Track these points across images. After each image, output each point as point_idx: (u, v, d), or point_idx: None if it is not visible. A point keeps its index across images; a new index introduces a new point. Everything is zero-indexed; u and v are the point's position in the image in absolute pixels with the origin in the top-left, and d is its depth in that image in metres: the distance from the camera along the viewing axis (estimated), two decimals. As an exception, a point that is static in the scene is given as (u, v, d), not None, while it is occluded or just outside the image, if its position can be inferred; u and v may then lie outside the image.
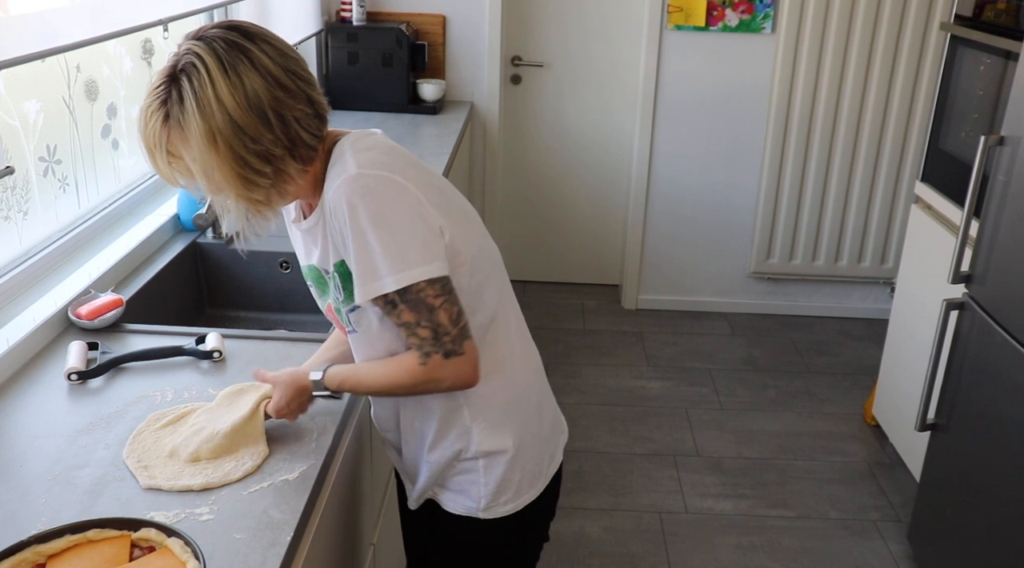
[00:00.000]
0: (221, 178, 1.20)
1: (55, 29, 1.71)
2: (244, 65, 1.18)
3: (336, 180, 1.25)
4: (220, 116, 1.16)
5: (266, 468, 1.37)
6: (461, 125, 3.51)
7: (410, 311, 1.27)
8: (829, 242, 4.09)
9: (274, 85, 1.20)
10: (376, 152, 1.30)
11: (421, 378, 1.32)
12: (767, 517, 2.85)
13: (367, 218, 1.23)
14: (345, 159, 1.27)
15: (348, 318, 1.38)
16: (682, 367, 3.75)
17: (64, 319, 1.78)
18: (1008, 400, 2.14)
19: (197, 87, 1.16)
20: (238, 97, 1.17)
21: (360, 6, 3.62)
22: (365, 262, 1.25)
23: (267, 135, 1.19)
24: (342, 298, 1.35)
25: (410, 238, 1.25)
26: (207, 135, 1.17)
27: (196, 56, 1.18)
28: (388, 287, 1.24)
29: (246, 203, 1.24)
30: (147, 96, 1.21)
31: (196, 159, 1.19)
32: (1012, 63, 2.48)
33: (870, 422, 3.36)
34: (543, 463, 1.55)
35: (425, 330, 1.28)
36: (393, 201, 1.25)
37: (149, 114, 1.20)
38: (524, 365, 1.51)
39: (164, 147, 1.20)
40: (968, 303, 2.36)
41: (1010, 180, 2.17)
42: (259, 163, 1.20)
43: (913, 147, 3.90)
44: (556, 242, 4.39)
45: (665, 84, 3.92)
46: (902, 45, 3.76)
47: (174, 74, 1.18)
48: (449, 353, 1.30)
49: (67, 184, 2.02)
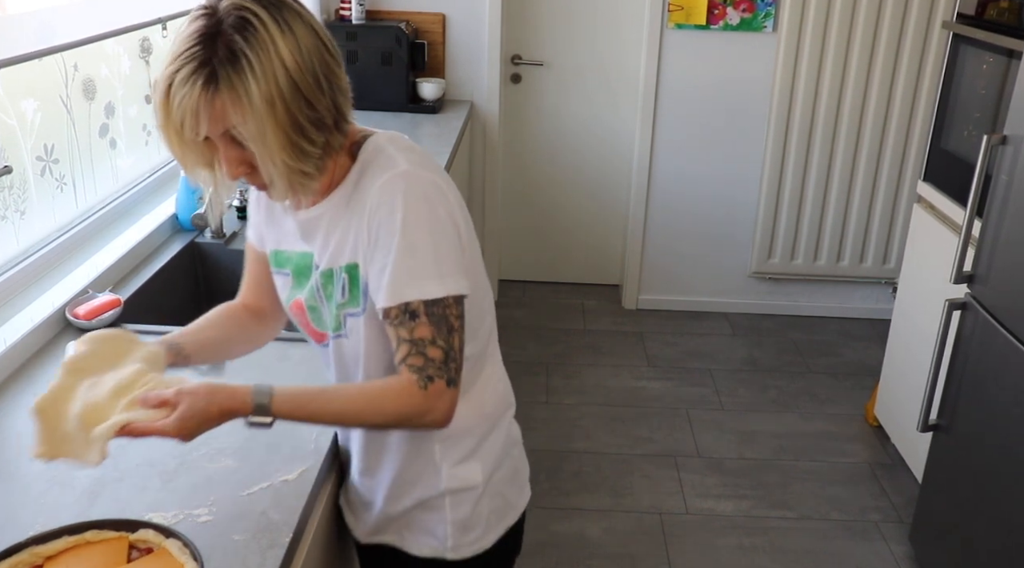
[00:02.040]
0: (276, 144, 1.08)
1: (53, 28, 1.70)
2: (298, 23, 1.09)
3: (383, 174, 1.18)
4: (282, 75, 1.06)
5: (266, 469, 1.36)
6: (461, 124, 3.51)
7: (429, 326, 1.16)
8: (831, 242, 4.08)
9: (323, 48, 1.12)
10: (418, 153, 1.24)
11: (416, 406, 1.18)
12: (768, 518, 2.84)
13: (418, 219, 1.16)
14: (389, 154, 1.20)
15: (343, 321, 1.27)
16: (683, 367, 3.74)
17: (62, 319, 1.77)
18: (1010, 400, 2.13)
19: (256, 44, 1.05)
20: (297, 56, 1.08)
21: (359, 5, 3.61)
22: (407, 262, 1.15)
23: (322, 100, 1.11)
24: (343, 300, 1.25)
25: (448, 247, 1.18)
26: (267, 97, 1.06)
27: (247, 10, 1.07)
28: (430, 292, 1.15)
29: (293, 176, 1.12)
30: (174, 61, 1.07)
31: (251, 125, 1.07)
32: (1015, 62, 2.47)
33: (872, 423, 3.36)
34: (513, 495, 1.46)
35: (438, 350, 1.17)
36: (439, 206, 1.19)
37: (183, 78, 1.06)
38: (501, 401, 1.43)
39: (206, 114, 1.07)
40: (970, 303, 2.35)
41: (1012, 179, 2.16)
42: (314, 131, 1.11)
43: (915, 146, 3.89)
44: (556, 242, 4.38)
45: (666, 83, 3.91)
46: (904, 44, 3.75)
47: (216, 31, 1.06)
48: (451, 381, 1.19)
49: (65, 183, 2.01)
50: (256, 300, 1.46)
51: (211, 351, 1.38)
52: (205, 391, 1.16)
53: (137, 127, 2.36)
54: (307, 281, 1.30)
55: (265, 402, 1.17)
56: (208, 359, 1.39)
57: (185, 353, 1.32)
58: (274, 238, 1.35)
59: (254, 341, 1.47)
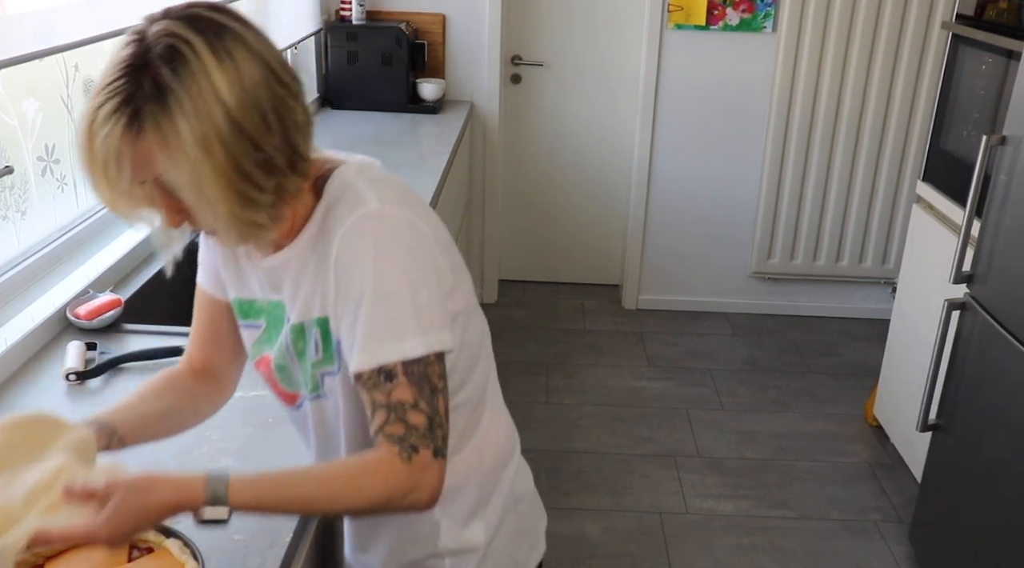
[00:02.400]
0: (215, 194, 0.93)
1: (53, 28, 1.70)
2: (240, 51, 0.94)
3: (350, 214, 1.02)
4: (217, 113, 0.91)
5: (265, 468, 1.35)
6: (461, 125, 3.51)
7: (409, 387, 1.01)
8: (830, 242, 4.08)
9: (272, 79, 0.96)
10: (393, 187, 1.08)
11: (399, 484, 1.00)
12: (768, 518, 2.85)
13: (390, 264, 1.01)
14: (358, 190, 1.04)
15: (320, 381, 1.12)
16: (683, 367, 3.74)
17: (62, 319, 1.77)
18: (1010, 400, 2.14)
19: (186, 77, 0.90)
20: (237, 90, 0.92)
21: (360, 5, 3.61)
22: (381, 316, 1.01)
23: (270, 140, 0.95)
24: (318, 358, 1.10)
25: (429, 296, 1.03)
26: (201, 139, 0.91)
27: (178, 38, 0.91)
28: (410, 350, 1.00)
29: (241, 227, 0.97)
30: (96, 94, 0.92)
31: (183, 171, 0.92)
32: (1014, 62, 2.47)
33: (871, 422, 3.36)
34: (522, 554, 1.33)
35: (420, 415, 1.01)
36: (417, 249, 1.04)
37: (102, 117, 0.91)
38: (503, 450, 1.29)
39: (126, 159, 0.92)
40: (970, 303, 2.35)
41: (1012, 180, 2.16)
42: (261, 176, 0.95)
43: (914, 147, 3.89)
44: (556, 242, 4.38)
45: (666, 83, 3.91)
46: (903, 44, 3.75)
47: (143, 63, 0.91)
48: (438, 451, 1.02)
49: (65, 183, 2.01)
50: (207, 357, 1.27)
51: (151, 427, 1.19)
52: (145, 483, 0.98)
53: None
54: (279, 335, 1.14)
55: (220, 492, 0.98)
56: (148, 437, 1.19)
57: (120, 434, 1.14)
58: (238, 284, 1.18)
59: (203, 410, 1.28)
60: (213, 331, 1.26)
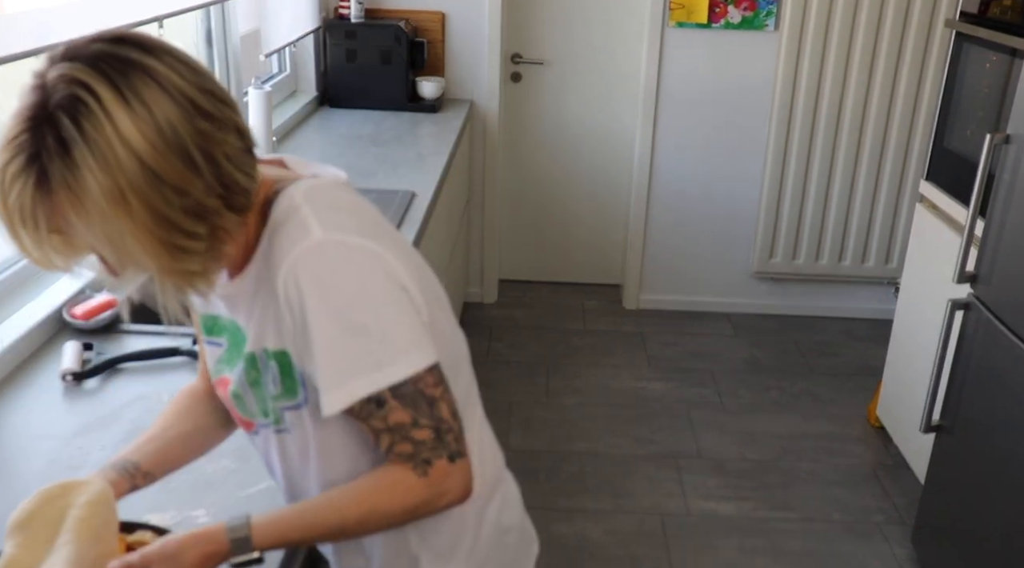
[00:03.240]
0: (138, 249, 0.86)
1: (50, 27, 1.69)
2: (150, 89, 0.85)
3: (293, 248, 0.95)
4: (129, 164, 0.83)
5: (264, 469, 1.34)
6: (461, 123, 3.50)
7: (404, 409, 0.98)
8: (832, 242, 4.07)
9: (193, 113, 0.87)
10: (342, 212, 1.00)
11: (423, 498, 1.00)
12: (770, 519, 2.83)
13: (345, 298, 0.95)
14: (302, 217, 0.97)
15: (281, 416, 1.07)
16: (684, 368, 3.73)
17: (59, 319, 1.76)
18: (1013, 401, 2.12)
19: (89, 128, 0.82)
20: (150, 134, 0.84)
21: (359, 3, 3.60)
22: (348, 352, 0.95)
23: (196, 182, 0.87)
24: (277, 392, 1.05)
25: (398, 317, 0.98)
26: (112, 194, 0.83)
27: (78, 84, 0.83)
28: (386, 380, 0.96)
29: (175, 277, 0.91)
30: (2, 150, 0.85)
31: (99, 230, 0.85)
32: (1018, 61, 2.46)
33: (874, 423, 3.34)
34: None
35: (424, 430, 0.99)
36: (371, 274, 0.97)
37: (11, 177, 0.84)
38: (486, 483, 1.20)
39: (42, 219, 0.85)
40: (973, 303, 2.34)
41: (1016, 179, 2.15)
42: (189, 222, 0.87)
43: (918, 145, 3.88)
44: (557, 241, 4.37)
45: (667, 82, 3.90)
46: (906, 42, 3.74)
47: (44, 114, 0.83)
48: (455, 454, 1.01)
49: (63, 182, 1.99)
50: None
51: (176, 452, 1.18)
52: (172, 548, 0.99)
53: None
54: (238, 360, 1.08)
55: (243, 535, 1.00)
56: (175, 463, 1.19)
57: (143, 470, 1.14)
58: (202, 300, 1.13)
59: (229, 424, 1.25)
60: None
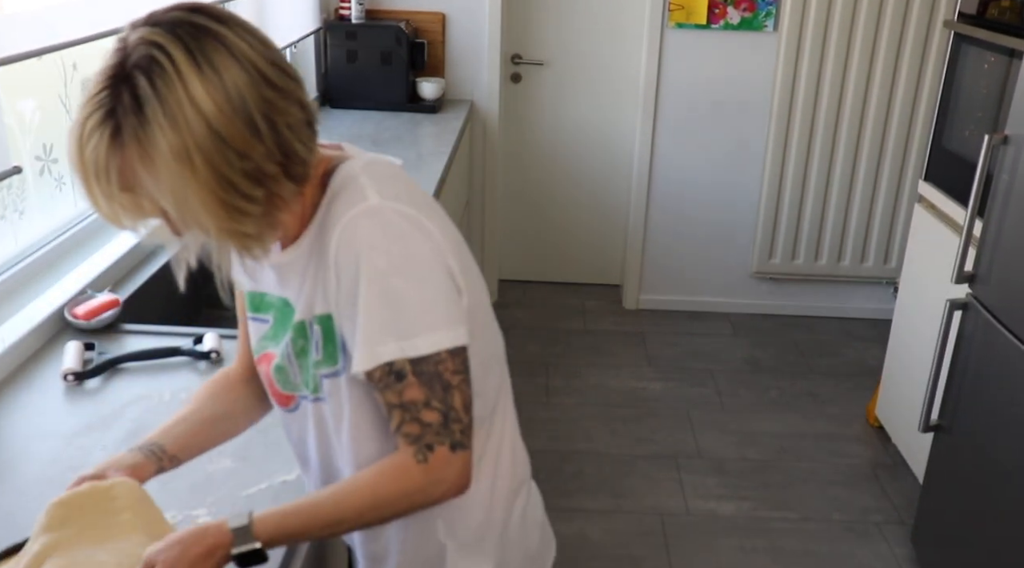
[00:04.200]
0: (199, 207, 0.91)
1: (51, 27, 1.69)
2: (221, 55, 0.90)
3: (349, 210, 0.99)
4: (197, 125, 0.88)
5: (265, 469, 1.35)
6: (461, 124, 3.50)
7: (420, 387, 0.99)
8: (832, 242, 4.07)
9: (260, 81, 0.92)
10: (399, 184, 1.05)
11: (418, 484, 1.01)
12: (769, 519, 2.84)
13: (390, 262, 0.98)
14: (360, 186, 1.02)
15: (320, 383, 1.09)
16: (684, 368, 3.73)
17: (60, 319, 1.76)
18: (1012, 401, 2.13)
19: (162, 87, 0.87)
20: (218, 98, 0.89)
21: (359, 4, 3.61)
22: (382, 315, 0.98)
23: (257, 147, 0.92)
24: (319, 358, 1.07)
25: (437, 293, 1.00)
26: (178, 151, 0.88)
27: (155, 47, 0.88)
28: (415, 348, 0.98)
29: (232, 239, 0.95)
30: (83, 106, 0.91)
31: (164, 185, 0.90)
32: (1016, 61, 2.46)
33: (873, 423, 3.35)
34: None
35: (433, 413, 1.00)
36: (420, 244, 1.01)
37: (88, 130, 0.90)
38: (515, 478, 1.23)
39: (114, 173, 0.90)
40: (972, 303, 2.35)
41: (1014, 179, 2.15)
42: (248, 185, 0.92)
43: (916, 146, 3.88)
44: (557, 242, 4.37)
45: (666, 83, 3.90)
46: (905, 43, 3.74)
47: (123, 74, 0.89)
48: (457, 445, 1.01)
49: (63, 183, 2.00)
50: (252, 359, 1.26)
51: (202, 436, 1.21)
52: (177, 540, 1.00)
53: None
54: (285, 333, 1.12)
55: (244, 524, 1.01)
56: (200, 446, 1.22)
57: (170, 453, 1.17)
58: (251, 277, 1.17)
59: (252, 412, 1.28)
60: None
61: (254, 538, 1.00)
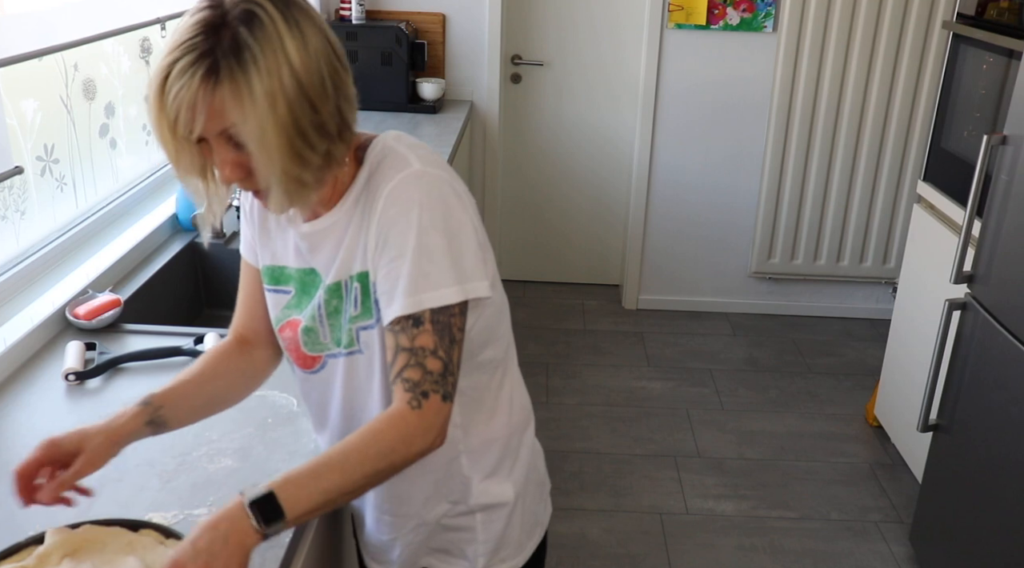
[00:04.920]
0: (274, 147, 1.01)
1: (52, 28, 1.70)
2: (307, 22, 1.03)
3: (396, 174, 1.11)
4: (287, 74, 1.00)
5: (265, 468, 1.35)
6: (461, 124, 3.51)
7: (432, 334, 1.08)
8: (831, 242, 4.08)
9: (331, 52, 1.05)
10: (429, 151, 1.17)
11: (413, 429, 1.07)
12: (768, 518, 2.84)
13: (431, 219, 1.09)
14: (400, 153, 1.14)
15: (356, 336, 1.17)
16: (683, 367, 3.74)
17: (62, 319, 1.76)
18: (1010, 400, 2.13)
19: (261, 38, 0.99)
20: (304, 56, 1.01)
21: (359, 4, 3.61)
22: (425, 266, 1.08)
23: (327, 106, 1.04)
24: (357, 312, 1.16)
25: (467, 249, 1.11)
26: (270, 95, 0.99)
27: (254, 4, 1.01)
28: (448, 298, 1.08)
29: (291, 185, 1.05)
30: (170, 52, 0.99)
31: (251, 124, 0.99)
32: (1015, 62, 2.47)
33: (872, 423, 3.35)
34: (540, 511, 1.41)
35: (437, 362, 1.08)
36: (456, 208, 1.12)
37: (182, 69, 0.98)
38: (525, 411, 1.38)
39: (204, 109, 0.99)
40: (970, 303, 2.35)
41: (1013, 179, 2.15)
42: (316, 137, 1.03)
43: (915, 146, 3.89)
44: (556, 242, 4.37)
45: (666, 83, 3.91)
46: (904, 44, 3.75)
47: (222, 23, 0.99)
48: (447, 396, 1.09)
49: (65, 183, 2.00)
50: (252, 324, 1.33)
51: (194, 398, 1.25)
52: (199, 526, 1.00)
53: (137, 127, 2.36)
54: (309, 301, 1.21)
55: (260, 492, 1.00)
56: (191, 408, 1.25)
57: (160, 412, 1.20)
58: (271, 251, 1.26)
59: (249, 380, 1.33)
60: (256, 300, 1.31)
61: (267, 491, 1.00)
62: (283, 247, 1.24)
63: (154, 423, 1.19)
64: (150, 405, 1.19)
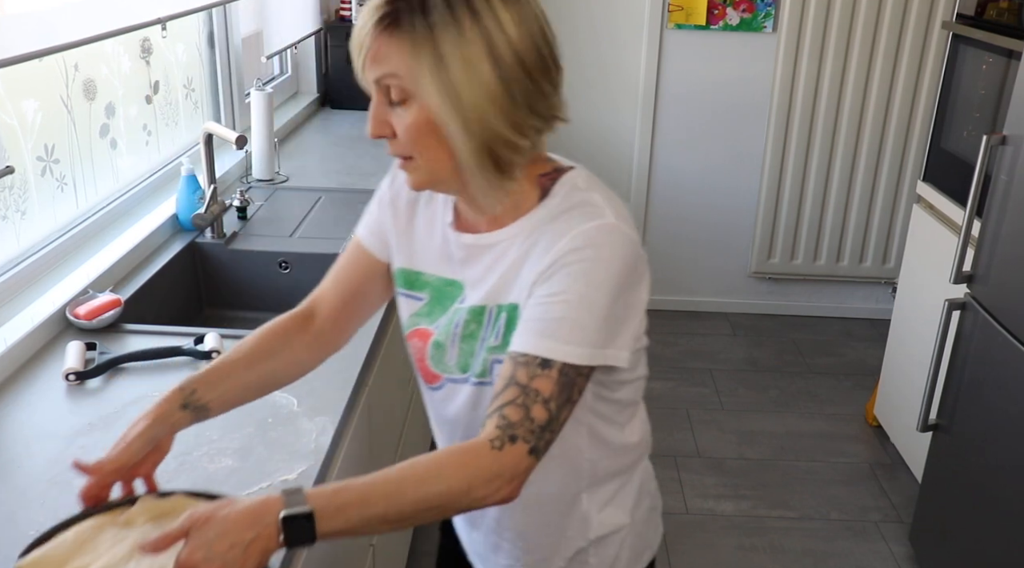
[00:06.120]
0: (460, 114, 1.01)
1: (53, 28, 1.70)
2: (524, 4, 1.03)
3: (591, 220, 1.05)
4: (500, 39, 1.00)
5: (265, 468, 1.36)
6: (461, 124, 3.49)
7: (554, 385, 1.01)
8: (831, 242, 4.08)
9: (542, 39, 1.05)
10: (622, 205, 1.11)
11: (484, 470, 0.97)
12: (768, 518, 2.84)
13: (608, 277, 1.03)
14: (595, 202, 1.08)
15: (490, 367, 1.12)
16: (683, 367, 3.74)
17: (62, 319, 1.77)
18: (1010, 400, 2.13)
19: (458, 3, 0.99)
20: (520, 28, 1.01)
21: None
22: (578, 320, 1.02)
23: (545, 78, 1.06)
24: (496, 343, 1.11)
25: (626, 318, 1.07)
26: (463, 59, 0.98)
27: None
28: (581, 358, 1.02)
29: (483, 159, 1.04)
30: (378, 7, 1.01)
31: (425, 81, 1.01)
32: (1014, 62, 2.47)
33: (872, 423, 3.36)
34: (651, 533, 1.38)
35: (544, 412, 1.00)
36: (634, 273, 1.07)
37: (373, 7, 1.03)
38: (647, 439, 1.36)
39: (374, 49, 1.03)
40: (970, 303, 2.35)
41: (1012, 179, 2.16)
42: (528, 111, 1.05)
43: (915, 146, 3.89)
44: (556, 242, 4.37)
45: (666, 83, 3.91)
46: (904, 44, 3.75)
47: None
48: (535, 450, 1.00)
49: (65, 183, 2.01)
50: (334, 304, 1.26)
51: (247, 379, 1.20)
52: (215, 504, 0.95)
53: (137, 127, 2.36)
54: (443, 313, 1.16)
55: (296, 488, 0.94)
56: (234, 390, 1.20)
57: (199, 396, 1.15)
58: (408, 254, 1.21)
59: (307, 359, 1.27)
60: (353, 284, 1.27)
61: (305, 501, 0.91)
62: (424, 251, 1.19)
63: (191, 408, 1.15)
64: (184, 389, 1.15)
